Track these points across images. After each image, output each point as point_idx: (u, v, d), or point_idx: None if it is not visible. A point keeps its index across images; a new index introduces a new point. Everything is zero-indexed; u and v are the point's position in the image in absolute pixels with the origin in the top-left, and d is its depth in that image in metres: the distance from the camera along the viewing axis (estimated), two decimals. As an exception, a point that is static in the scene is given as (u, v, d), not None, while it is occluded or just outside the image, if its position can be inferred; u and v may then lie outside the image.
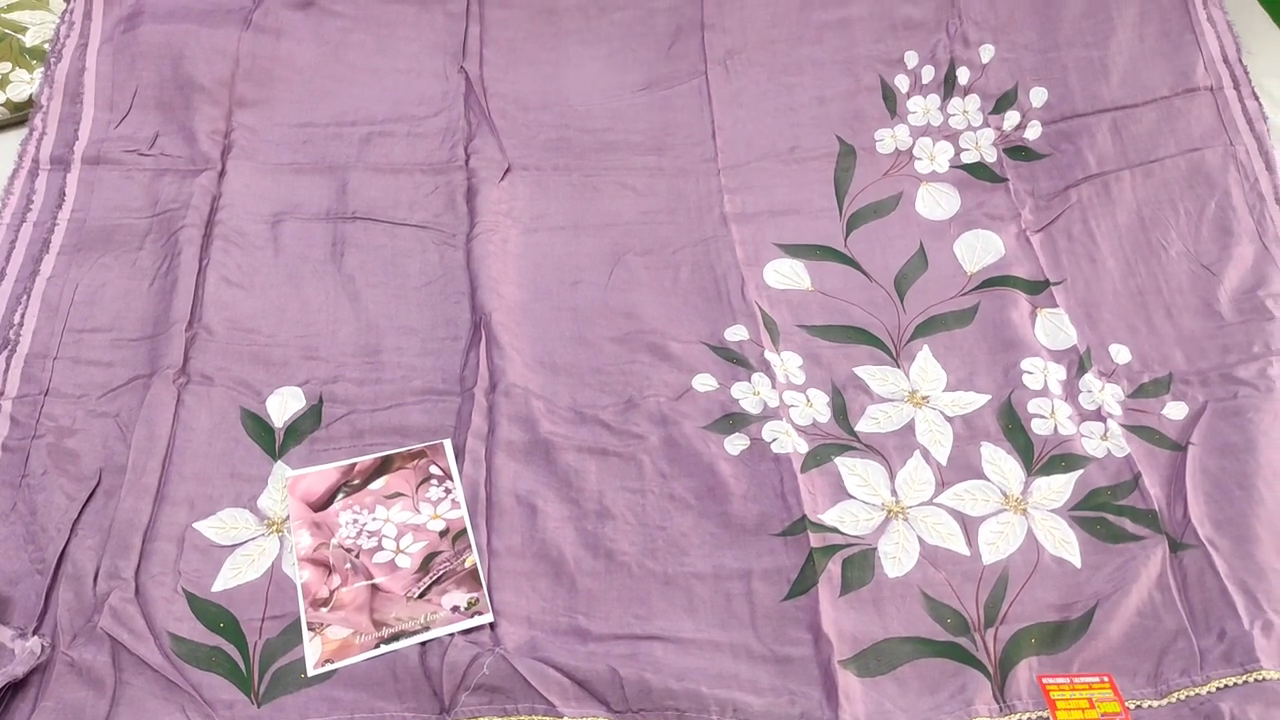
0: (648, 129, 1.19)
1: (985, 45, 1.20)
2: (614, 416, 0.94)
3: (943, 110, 1.18)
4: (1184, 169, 1.09)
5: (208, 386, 0.95)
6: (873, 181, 1.14)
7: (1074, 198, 1.09)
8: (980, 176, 1.13)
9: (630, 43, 1.25)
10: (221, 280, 1.02)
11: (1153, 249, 1.06)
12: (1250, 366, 0.96)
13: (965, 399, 0.96)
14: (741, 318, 1.01)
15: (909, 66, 1.21)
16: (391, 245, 1.08)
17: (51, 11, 1.27)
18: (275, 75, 1.19)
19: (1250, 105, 1.12)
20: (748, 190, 1.13)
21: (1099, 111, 1.14)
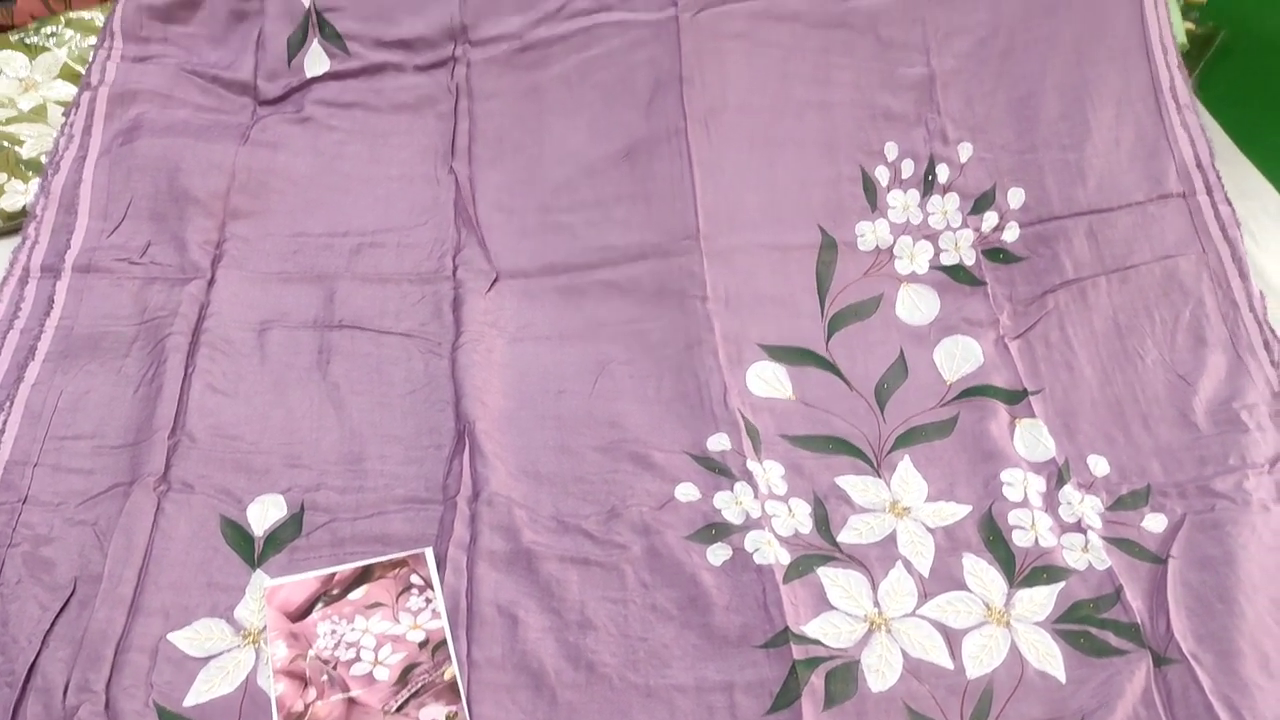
0: (630, 210, 1.18)
1: (964, 143, 1.21)
2: (596, 526, 0.94)
3: (922, 208, 1.19)
4: (1159, 275, 1.11)
5: (188, 494, 0.94)
6: (854, 280, 1.15)
7: (1051, 304, 1.11)
8: (959, 279, 1.15)
9: (611, 104, 1.24)
10: (206, 387, 1.03)
11: (1129, 357, 1.07)
12: (1227, 479, 0.97)
13: (946, 510, 0.97)
14: (724, 426, 1.02)
15: (889, 159, 1.22)
16: (377, 353, 1.09)
17: (50, 125, 1.30)
18: (270, 186, 1.22)
19: (1223, 211, 1.14)
20: (731, 274, 1.12)
21: (1075, 215, 1.15)
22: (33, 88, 1.34)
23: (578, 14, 1.27)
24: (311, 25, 1.31)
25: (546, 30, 1.28)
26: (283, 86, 1.31)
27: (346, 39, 1.30)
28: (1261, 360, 1.05)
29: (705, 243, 1.14)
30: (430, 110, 1.29)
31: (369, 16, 1.31)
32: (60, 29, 1.39)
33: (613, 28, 1.26)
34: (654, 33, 1.24)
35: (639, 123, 1.22)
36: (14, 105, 1.32)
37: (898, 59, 1.25)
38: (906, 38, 1.25)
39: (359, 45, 1.31)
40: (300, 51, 1.32)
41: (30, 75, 1.35)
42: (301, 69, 1.31)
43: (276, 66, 1.32)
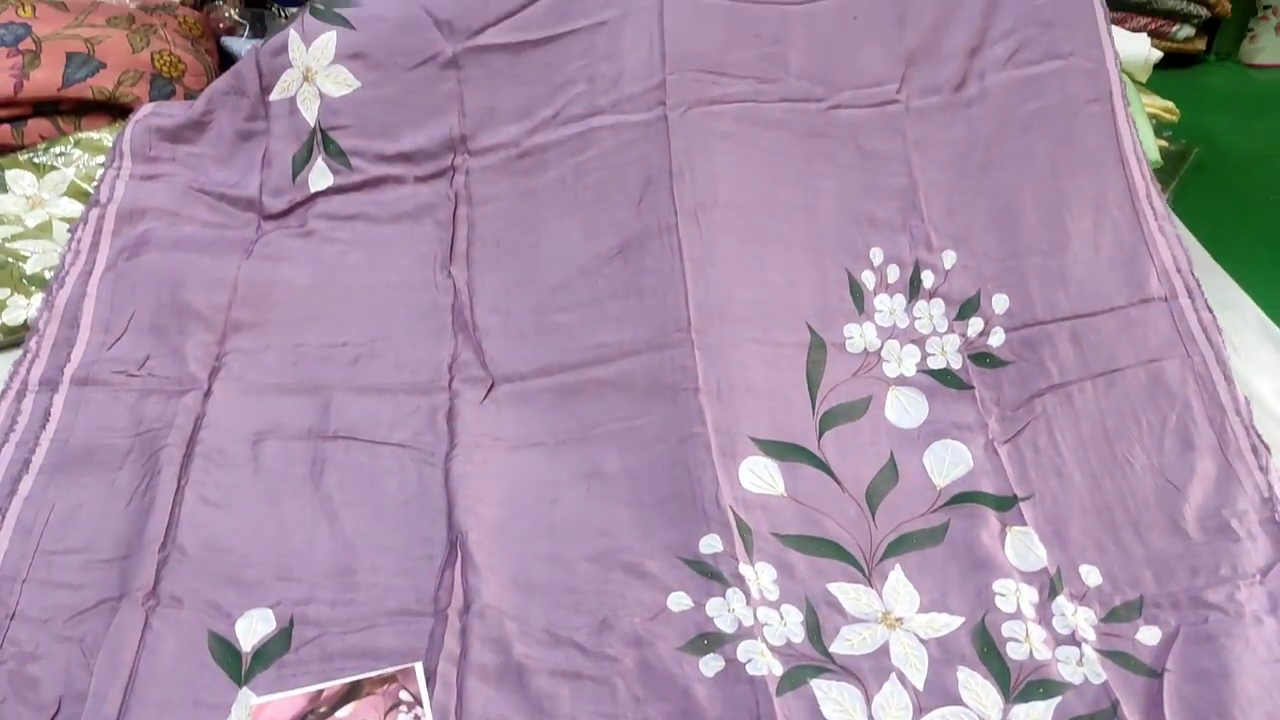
0: (623, 306, 1.19)
1: (947, 251, 1.23)
2: (588, 638, 0.94)
3: (908, 313, 1.21)
4: (1144, 379, 1.11)
5: (177, 609, 0.94)
6: (843, 380, 1.16)
7: (1038, 408, 1.11)
8: (947, 383, 1.16)
9: (604, 204, 1.26)
10: (199, 500, 1.03)
11: (1118, 462, 1.07)
12: (1219, 590, 0.97)
13: (939, 621, 0.96)
14: (715, 526, 1.01)
15: (875, 263, 1.23)
16: (371, 464, 1.09)
17: (54, 241, 1.33)
18: (271, 299, 1.24)
19: (1204, 316, 1.15)
20: (722, 367, 1.13)
21: (1059, 320, 1.16)
22: (39, 205, 1.37)
23: (571, 120, 1.30)
24: (316, 143, 1.36)
25: (542, 137, 1.31)
26: (287, 201, 1.35)
27: (350, 155, 1.35)
28: (1250, 465, 1.05)
29: (696, 335, 1.14)
30: (429, 218, 1.32)
31: (372, 133, 1.35)
32: (69, 148, 1.43)
33: (606, 130, 1.29)
34: (644, 132, 1.27)
35: (631, 220, 1.23)
36: (20, 222, 1.35)
37: (879, 168, 1.28)
38: (887, 148, 1.28)
39: (362, 160, 1.35)
40: (305, 168, 1.36)
41: (38, 193, 1.39)
42: (306, 184, 1.35)
43: (281, 183, 1.36)
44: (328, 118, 1.36)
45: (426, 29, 1.36)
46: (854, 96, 1.30)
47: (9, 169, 1.40)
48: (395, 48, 1.35)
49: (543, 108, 1.32)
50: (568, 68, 1.32)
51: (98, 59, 1.50)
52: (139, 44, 1.55)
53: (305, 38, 1.37)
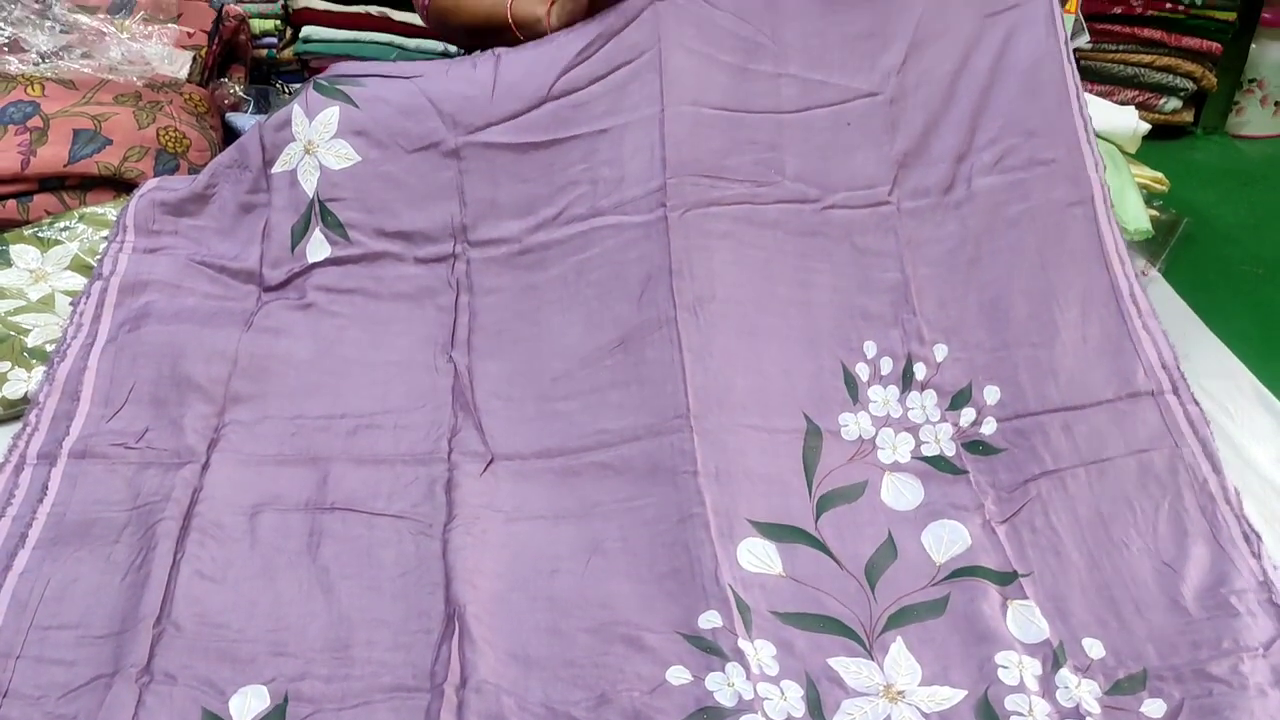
0: (624, 395, 1.20)
1: (939, 344, 1.26)
2: (586, 713, 0.92)
3: (902, 403, 1.23)
4: (1135, 469, 1.13)
5: (170, 686, 0.92)
6: (839, 465, 1.17)
7: (1033, 491, 1.12)
8: (941, 469, 1.17)
9: (605, 300, 1.28)
10: (194, 574, 1.02)
11: (1114, 544, 1.07)
12: (1222, 663, 0.96)
13: (941, 694, 0.95)
14: (715, 602, 1.01)
15: (868, 356, 1.26)
16: (368, 536, 1.09)
17: (56, 314, 1.34)
18: (270, 371, 1.25)
19: (1191, 410, 1.16)
20: (721, 452, 1.14)
21: (1050, 411, 1.18)
22: (42, 279, 1.39)
23: (573, 220, 1.33)
24: (314, 214, 1.37)
25: (545, 235, 1.34)
26: (285, 272, 1.36)
27: (347, 227, 1.36)
28: (1243, 552, 1.05)
29: (695, 421, 1.15)
30: (430, 301, 1.34)
31: (371, 207, 1.37)
32: (73, 223, 1.45)
33: (607, 230, 1.31)
34: (645, 232, 1.29)
35: (631, 314, 1.25)
36: (23, 295, 1.36)
37: (872, 264, 1.31)
38: (880, 246, 1.32)
39: (359, 234, 1.36)
40: (303, 239, 1.37)
41: (41, 267, 1.40)
42: (304, 255, 1.36)
43: (280, 254, 1.37)
44: (326, 189, 1.37)
45: (429, 117, 1.38)
46: (847, 198, 1.34)
47: (14, 244, 1.42)
48: (397, 130, 1.38)
49: (545, 206, 1.35)
50: (570, 170, 1.34)
51: (104, 135, 1.52)
52: (145, 120, 1.58)
53: (309, 112, 1.39)
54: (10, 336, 1.30)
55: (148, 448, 1.15)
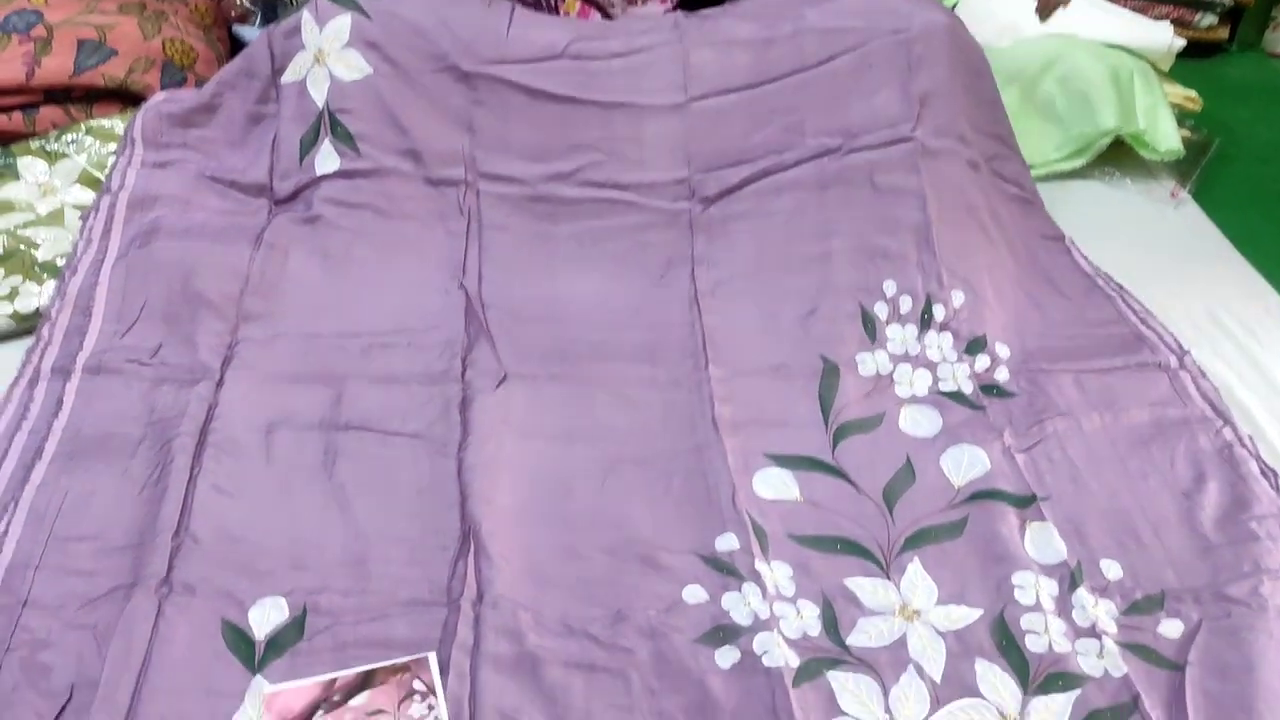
0: (640, 341, 1.22)
1: (956, 290, 1.26)
2: (603, 630, 0.93)
3: (920, 341, 1.23)
4: (1148, 418, 1.14)
5: (190, 597, 0.93)
6: (856, 399, 1.17)
7: (1050, 429, 1.12)
8: (959, 402, 1.17)
9: (623, 272, 1.30)
10: (211, 489, 1.02)
11: (1131, 477, 1.08)
12: (1242, 585, 0.96)
13: (957, 613, 0.95)
14: (732, 526, 1.01)
15: (888, 295, 1.26)
16: (384, 455, 1.08)
17: (66, 229, 1.32)
18: (282, 289, 1.24)
19: (1203, 384, 1.18)
20: (736, 401, 1.15)
21: (1061, 371, 1.19)
22: (51, 193, 1.37)
23: (588, 184, 1.34)
24: (324, 125, 1.35)
25: (558, 189, 1.35)
26: (294, 184, 1.35)
27: (358, 140, 1.34)
28: (1264, 486, 1.05)
29: (713, 369, 1.18)
30: (441, 226, 1.33)
31: (381, 122, 1.35)
32: (80, 136, 1.43)
33: (626, 207, 1.34)
34: (667, 220, 1.33)
35: (650, 289, 1.29)
36: (32, 209, 1.34)
37: (894, 203, 1.32)
38: (903, 183, 1.33)
39: (370, 147, 1.34)
40: (312, 151, 1.35)
41: (49, 180, 1.38)
42: (312, 167, 1.35)
43: (289, 165, 1.36)
44: (336, 100, 1.35)
45: (443, 38, 1.36)
46: (870, 139, 1.35)
47: (21, 156, 1.40)
48: (410, 47, 1.35)
49: (557, 160, 1.35)
50: (587, 133, 1.35)
51: (109, 46, 1.49)
52: (150, 31, 1.54)
53: (319, 20, 1.36)
54: (20, 251, 1.29)
55: (161, 364, 1.15)
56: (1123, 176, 1.56)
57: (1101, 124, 1.52)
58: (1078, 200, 1.52)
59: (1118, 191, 1.55)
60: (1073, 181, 1.56)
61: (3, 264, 1.27)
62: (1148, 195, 1.54)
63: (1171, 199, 1.53)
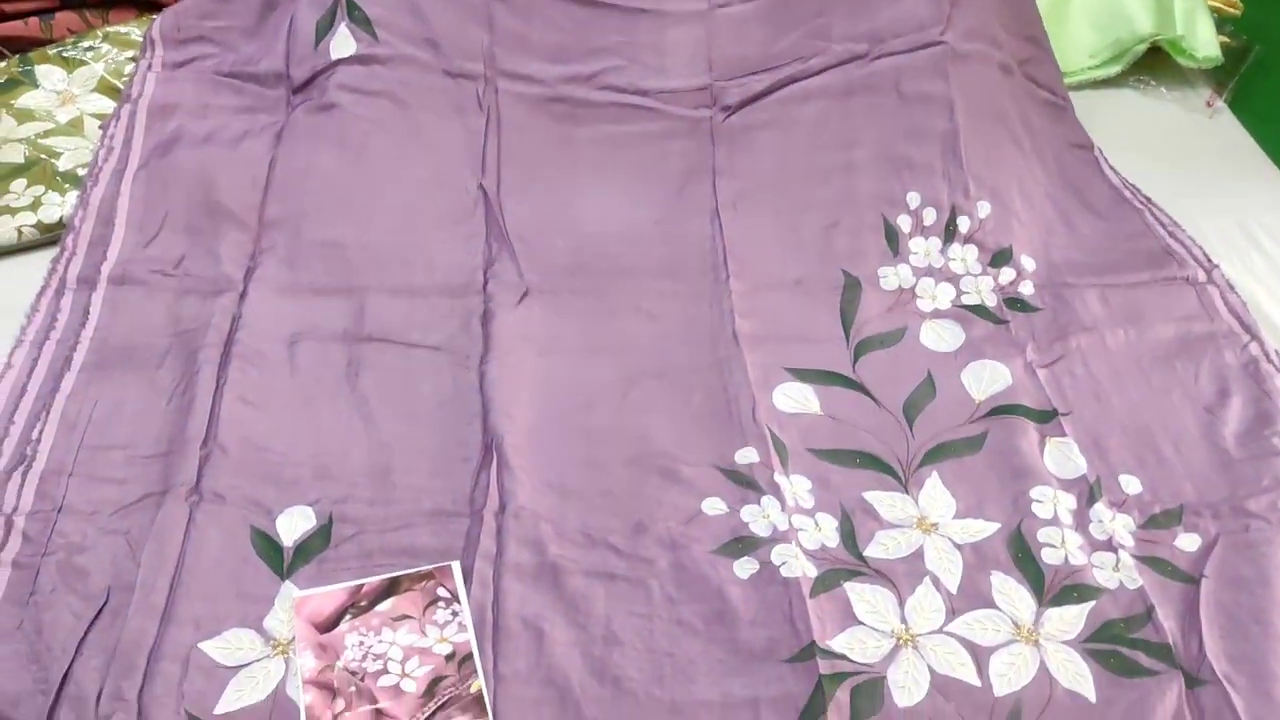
0: (661, 256, 1.22)
1: (983, 201, 1.24)
2: (623, 540, 0.94)
3: (943, 254, 1.21)
4: (1173, 333, 1.13)
5: (219, 505, 0.95)
6: (877, 314, 1.16)
7: (1073, 344, 1.12)
8: (982, 316, 1.16)
9: (643, 180, 1.29)
10: (237, 399, 1.04)
11: (1154, 393, 1.07)
12: (1261, 499, 0.96)
13: (975, 527, 0.96)
14: (752, 440, 1.02)
15: (911, 207, 1.24)
16: (406, 367, 1.09)
17: (86, 138, 1.32)
18: (303, 189, 1.23)
19: (1230, 298, 1.17)
20: (757, 316, 1.15)
21: (1087, 285, 1.18)
22: (70, 101, 1.36)
23: (609, 88, 1.32)
24: (340, 8, 1.33)
25: (578, 92, 1.32)
26: (309, 70, 1.33)
27: (376, 25, 1.32)
28: None
29: (734, 283, 1.17)
30: (459, 120, 1.31)
31: (399, 6, 1.33)
32: (98, 43, 1.41)
33: (647, 114, 1.32)
34: (689, 129, 1.30)
35: (671, 201, 1.27)
36: (51, 118, 1.34)
37: (920, 111, 1.29)
38: (930, 90, 1.29)
39: (388, 33, 1.32)
40: (328, 35, 1.34)
41: (68, 89, 1.37)
42: (328, 51, 1.33)
43: (304, 50, 1.35)
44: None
45: None
46: (898, 43, 1.32)
47: (39, 64, 1.39)
48: None
49: (577, 63, 1.33)
50: (607, 37, 1.33)
51: (124, -51, 1.47)
52: (165, -66, 1.51)
53: None
54: (41, 160, 1.28)
55: (185, 275, 1.15)
56: (1158, 85, 1.52)
57: (1138, 29, 1.48)
58: (1110, 109, 1.48)
59: (1152, 100, 1.51)
60: (1106, 90, 1.52)
61: (25, 174, 1.27)
62: (1183, 104, 1.51)
63: (1207, 108, 1.49)
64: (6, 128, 1.32)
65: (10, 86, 1.36)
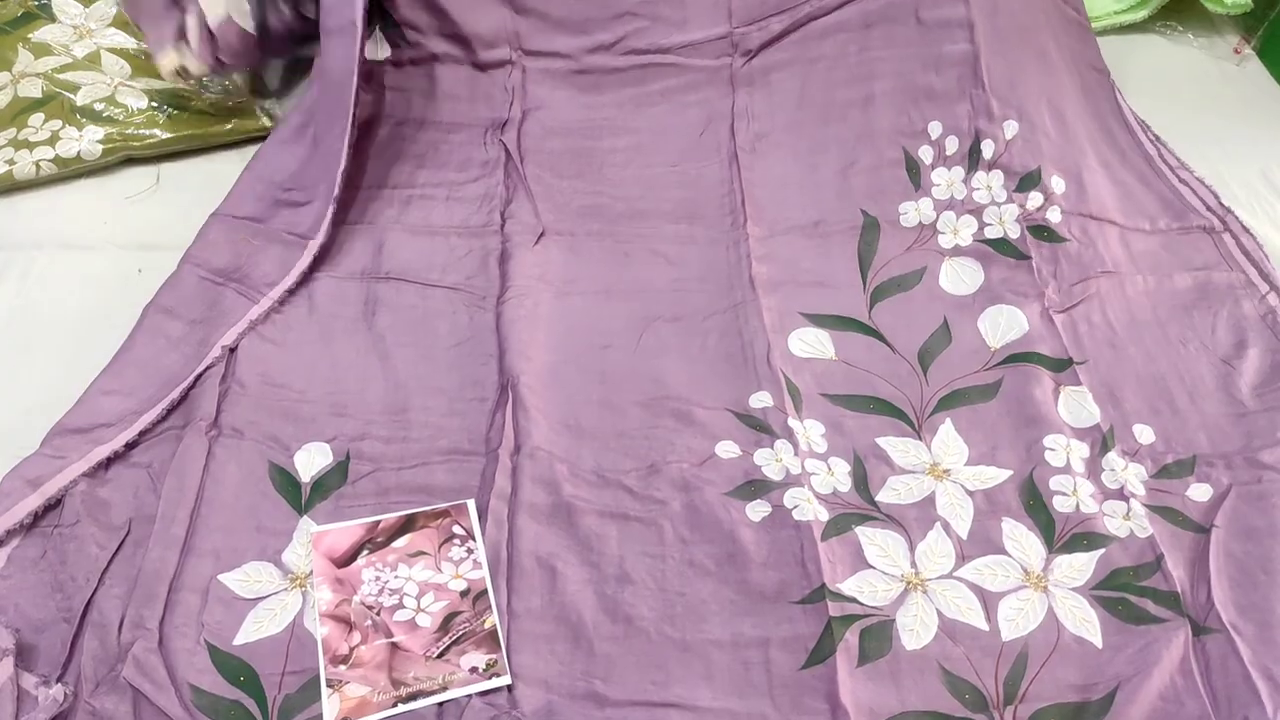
0: (679, 199, 1.21)
1: (1009, 121, 1.21)
2: (637, 481, 0.95)
3: (966, 184, 1.19)
4: (1191, 283, 1.12)
5: (238, 440, 0.96)
6: (896, 255, 1.15)
7: (1093, 288, 1.11)
8: (1004, 252, 1.14)
9: (664, 133, 1.28)
10: (256, 335, 1.04)
11: (1171, 343, 1.07)
12: (1275, 451, 0.96)
13: (987, 474, 0.97)
14: (766, 384, 1.02)
15: (933, 137, 1.22)
16: (423, 306, 1.10)
17: (103, 73, 1.31)
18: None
19: (1246, 242, 1.16)
20: (774, 260, 1.15)
21: (1109, 221, 1.17)
22: (86, 35, 1.35)
23: (631, 52, 1.30)
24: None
25: (602, 60, 1.30)
26: None
27: (404, 28, 1.31)
28: None
29: (751, 226, 1.17)
30: (484, 104, 1.31)
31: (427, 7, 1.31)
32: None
33: (669, 69, 1.29)
34: (709, 78, 1.29)
35: (690, 147, 1.26)
36: (68, 52, 1.33)
37: (940, 37, 1.26)
38: (950, 14, 1.26)
39: (418, 35, 1.31)
40: None
41: (84, 23, 1.36)
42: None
43: None
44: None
45: None
46: None
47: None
48: None
49: (600, 31, 1.31)
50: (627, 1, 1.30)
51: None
52: None
53: None
54: (59, 95, 1.28)
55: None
56: (1185, 30, 1.50)
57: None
58: (1137, 55, 1.46)
59: (1179, 47, 1.49)
60: (1132, 35, 1.49)
61: (43, 108, 1.27)
62: (1210, 51, 1.48)
63: (1235, 55, 1.46)
64: (24, 62, 1.31)
65: (27, 20, 1.35)
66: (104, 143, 1.24)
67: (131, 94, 1.29)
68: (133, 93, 1.30)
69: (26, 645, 0.82)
